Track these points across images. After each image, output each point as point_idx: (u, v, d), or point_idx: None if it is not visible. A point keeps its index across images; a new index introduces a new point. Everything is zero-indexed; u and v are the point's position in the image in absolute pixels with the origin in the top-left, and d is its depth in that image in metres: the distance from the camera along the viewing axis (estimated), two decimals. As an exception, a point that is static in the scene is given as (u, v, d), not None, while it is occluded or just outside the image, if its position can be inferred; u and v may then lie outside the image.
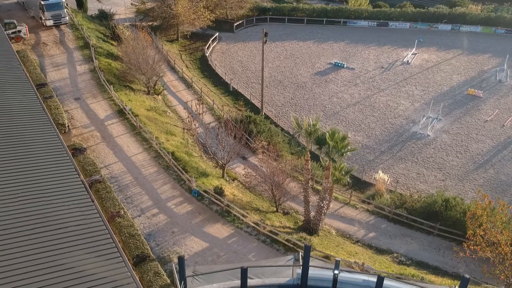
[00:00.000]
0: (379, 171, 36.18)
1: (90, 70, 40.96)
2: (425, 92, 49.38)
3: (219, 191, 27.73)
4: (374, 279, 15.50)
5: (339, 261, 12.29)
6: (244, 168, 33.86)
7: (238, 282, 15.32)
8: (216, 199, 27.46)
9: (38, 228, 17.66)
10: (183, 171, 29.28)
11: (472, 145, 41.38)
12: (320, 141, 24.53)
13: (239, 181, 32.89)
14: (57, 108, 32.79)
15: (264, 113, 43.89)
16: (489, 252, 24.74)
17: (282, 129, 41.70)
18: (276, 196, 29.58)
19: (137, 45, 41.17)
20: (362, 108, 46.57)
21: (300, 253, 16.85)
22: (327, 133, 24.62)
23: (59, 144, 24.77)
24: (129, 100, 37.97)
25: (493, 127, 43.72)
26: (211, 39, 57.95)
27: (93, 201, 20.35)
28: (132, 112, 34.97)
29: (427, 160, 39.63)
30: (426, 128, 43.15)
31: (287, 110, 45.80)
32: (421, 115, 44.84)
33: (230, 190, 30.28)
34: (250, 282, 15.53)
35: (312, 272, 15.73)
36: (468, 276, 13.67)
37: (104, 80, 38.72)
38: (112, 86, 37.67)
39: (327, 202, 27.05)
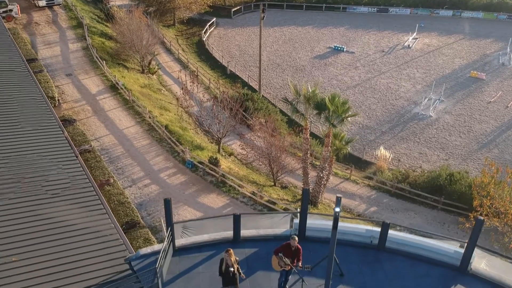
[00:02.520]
0: (381, 147, 35.00)
1: (83, 48, 39.80)
2: (427, 74, 48.26)
3: (214, 162, 26.55)
4: (378, 229, 14.38)
5: (340, 197, 11.07)
6: (241, 144, 32.68)
7: (230, 233, 14.19)
8: (211, 170, 26.29)
9: (29, 192, 16.64)
10: (176, 143, 28.12)
11: (475, 125, 40.25)
12: (320, 106, 23.39)
13: (235, 156, 31.73)
14: (47, 82, 31.68)
15: (262, 95, 42.74)
16: (497, 222, 23.62)
17: (281, 110, 40.60)
18: (273, 169, 28.42)
19: (131, 23, 40.04)
20: (362, 90, 45.43)
21: (298, 210, 15.66)
22: (327, 98, 23.48)
23: (50, 114, 23.91)
24: (122, 77, 36.80)
25: (496, 108, 42.60)
26: (208, 24, 56.83)
27: (83, 169, 19.30)
28: (125, 87, 33.81)
29: (430, 140, 38.48)
30: (428, 109, 41.98)
31: (286, 92, 44.60)
32: (422, 97, 43.69)
33: (226, 164, 29.11)
34: (243, 233, 14.37)
35: (310, 221, 14.59)
36: (481, 218, 12.51)
37: (97, 57, 37.57)
38: (104, 62, 36.52)
39: (326, 173, 25.89)
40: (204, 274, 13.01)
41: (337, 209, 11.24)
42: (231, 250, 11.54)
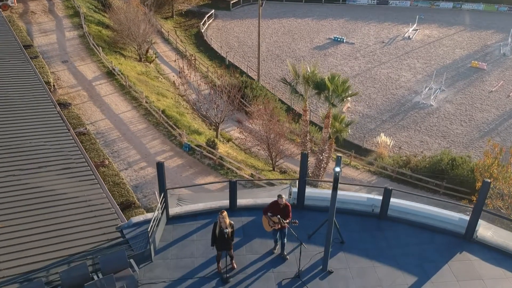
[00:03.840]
0: (381, 134, 34.49)
1: (80, 36, 39.29)
2: (427, 65, 47.79)
3: (212, 145, 26.04)
4: (379, 197, 13.87)
5: (340, 157, 10.58)
6: (239, 128, 32.15)
7: (226, 202, 13.68)
8: (209, 152, 25.77)
9: (21, 164, 16.13)
10: (174, 126, 27.61)
11: (476, 114, 39.77)
12: (319, 86, 22.87)
13: (233, 142, 31.22)
14: (42, 68, 31.08)
15: (261, 85, 42.24)
16: (500, 203, 23.07)
17: (280, 100, 40.10)
18: (272, 154, 27.92)
19: (129, 11, 39.56)
20: (362, 80, 44.94)
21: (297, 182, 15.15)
22: (326, 77, 22.97)
23: (47, 97, 23.49)
24: (119, 64, 36.29)
25: (498, 97, 42.13)
26: (207, 16, 56.34)
27: (75, 142, 18.83)
28: (122, 73, 33.30)
29: (431, 128, 38.00)
30: (429, 98, 41.50)
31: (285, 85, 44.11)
32: (423, 86, 43.21)
33: (224, 149, 28.59)
34: (240, 202, 13.87)
35: (309, 190, 14.08)
36: (488, 180, 12.01)
37: (93, 44, 37.06)
38: (101, 49, 36.02)
39: (326, 156, 25.39)
40: (199, 242, 12.50)
41: (337, 169, 10.75)
42: (226, 212, 11.03)
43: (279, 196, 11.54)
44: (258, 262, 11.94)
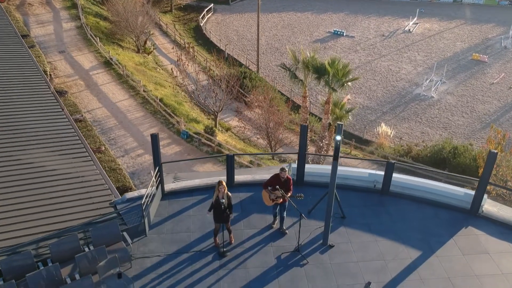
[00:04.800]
0: (382, 124, 34.08)
1: (77, 27, 38.90)
2: (428, 57, 47.37)
3: (210, 132, 25.63)
4: (381, 172, 13.46)
5: (341, 124, 10.17)
6: (238, 119, 31.77)
7: (224, 178, 13.25)
8: (207, 139, 25.36)
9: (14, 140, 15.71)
10: (172, 114, 27.20)
11: (478, 106, 39.36)
12: (319, 70, 22.48)
13: (232, 132, 30.81)
14: (39, 57, 30.68)
15: (260, 76, 41.86)
16: (505, 190, 22.67)
17: (280, 92, 39.70)
18: (271, 143, 27.52)
19: (127, 2, 39.16)
20: (362, 72, 44.49)
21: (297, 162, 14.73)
22: (327, 61, 22.58)
23: (41, 78, 23.10)
24: (117, 54, 35.89)
25: (499, 89, 41.70)
26: (206, 10, 55.97)
27: (68, 119, 18.42)
28: (119, 63, 32.91)
29: (432, 120, 37.59)
30: (430, 90, 41.08)
31: (285, 75, 43.67)
32: (424, 78, 42.80)
33: (223, 137, 28.18)
34: (238, 178, 13.47)
35: (309, 166, 13.67)
36: (495, 151, 11.56)
37: (91, 35, 36.67)
38: (98, 39, 35.63)
39: (326, 143, 24.98)
40: (195, 217, 12.09)
41: (338, 138, 10.35)
42: (224, 183, 10.62)
43: (282, 169, 11.09)
44: (256, 236, 11.53)
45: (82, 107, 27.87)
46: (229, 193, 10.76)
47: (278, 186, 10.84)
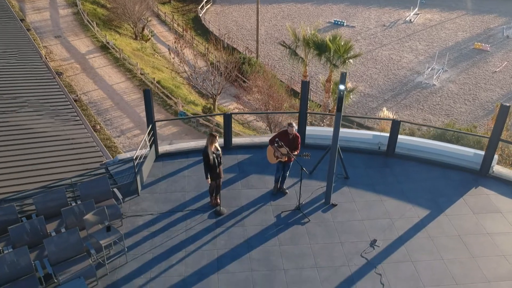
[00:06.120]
0: (384, 109, 33.50)
1: (74, 13, 38.30)
2: (430, 47, 46.80)
3: (208, 112, 25.03)
4: (386, 134, 12.86)
5: (345, 73, 9.57)
6: (237, 104, 31.17)
7: (220, 140, 12.65)
8: (205, 120, 24.77)
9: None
10: (169, 95, 26.61)
11: (480, 93, 38.81)
12: (320, 46, 21.89)
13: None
14: (34, 40, 30.18)
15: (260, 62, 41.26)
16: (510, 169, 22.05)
17: (280, 80, 39.12)
18: (271, 125, 26.89)
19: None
20: (363, 61, 43.86)
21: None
22: (328, 37, 21.99)
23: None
24: (114, 39, 35.30)
25: (502, 77, 41.15)
26: (205, 1, 55.36)
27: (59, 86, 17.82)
28: (116, 46, 32.31)
29: (434, 107, 37.02)
30: (431, 78, 40.53)
31: (284, 64, 43.20)
32: (425, 67, 42.24)
33: (221, 120, 27.56)
34: (235, 141, 12.86)
35: (310, 128, 13.06)
36: (507, 104, 10.96)
37: (87, 20, 36.08)
38: (95, 23, 35.03)
39: (327, 123, 24.39)
40: (191, 178, 11.48)
41: (342, 87, 9.74)
42: (217, 136, 9.99)
43: (290, 124, 10.40)
44: (255, 195, 10.91)
45: (78, 89, 27.31)
46: (218, 147, 10.12)
47: (282, 143, 10.21)
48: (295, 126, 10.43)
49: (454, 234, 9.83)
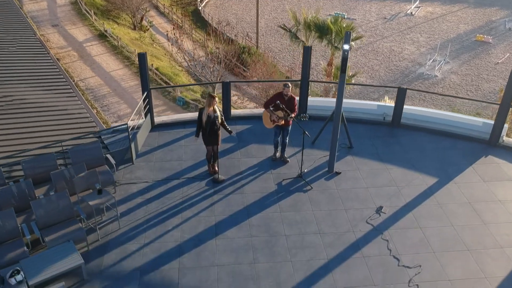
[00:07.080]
0: (386, 97, 32.99)
1: (71, 3, 37.92)
2: (431, 39, 46.35)
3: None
4: (391, 104, 12.42)
5: (350, 32, 9.10)
6: (237, 94, 30.70)
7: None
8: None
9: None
10: (168, 82, 26.14)
11: (483, 84, 38.34)
12: (322, 28, 21.43)
13: (232, 106, 29.67)
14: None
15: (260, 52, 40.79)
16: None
17: (280, 72, 38.65)
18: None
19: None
20: (364, 53, 43.47)
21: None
22: (329, 19, 21.53)
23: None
24: (112, 28, 34.83)
25: (505, 69, 40.66)
26: (204, -6, 54.95)
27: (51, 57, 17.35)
28: (114, 34, 31.85)
29: (436, 98, 36.51)
30: (433, 69, 40.08)
31: (285, 56, 42.78)
32: (427, 59, 41.79)
33: (220, 107, 27.08)
34: (235, 112, 12.42)
35: (313, 99, 12.61)
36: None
37: (86, 10, 35.64)
38: (93, 12, 34.59)
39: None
40: (188, 147, 11.00)
41: (346, 47, 9.27)
42: (217, 98, 9.54)
43: (285, 85, 9.92)
44: (254, 164, 10.44)
45: (75, 76, 26.85)
46: (219, 110, 9.68)
47: (279, 102, 9.74)
48: (290, 87, 9.92)
49: (464, 201, 9.35)
